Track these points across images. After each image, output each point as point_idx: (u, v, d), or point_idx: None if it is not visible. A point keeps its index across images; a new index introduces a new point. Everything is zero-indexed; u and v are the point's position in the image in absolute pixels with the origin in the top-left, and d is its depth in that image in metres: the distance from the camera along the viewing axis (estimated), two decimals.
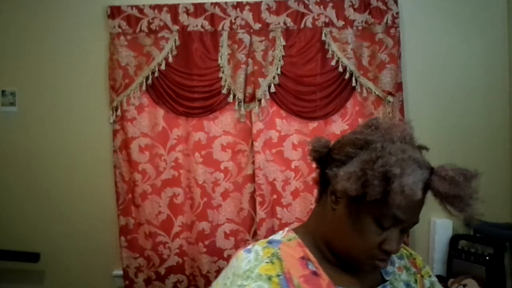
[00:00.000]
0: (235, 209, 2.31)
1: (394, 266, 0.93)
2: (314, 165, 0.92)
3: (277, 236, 0.89)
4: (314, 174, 0.93)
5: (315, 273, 0.82)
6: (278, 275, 0.79)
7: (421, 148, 0.88)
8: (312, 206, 1.41)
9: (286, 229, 0.91)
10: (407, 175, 0.71)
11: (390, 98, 2.23)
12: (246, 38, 2.25)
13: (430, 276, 0.97)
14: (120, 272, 2.35)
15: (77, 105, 2.37)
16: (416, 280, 0.93)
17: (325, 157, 0.87)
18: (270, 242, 0.85)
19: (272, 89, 2.24)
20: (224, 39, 2.26)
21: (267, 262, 0.80)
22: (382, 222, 0.77)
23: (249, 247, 0.84)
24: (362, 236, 0.79)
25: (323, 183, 0.88)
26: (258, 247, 0.83)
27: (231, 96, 2.26)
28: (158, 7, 2.26)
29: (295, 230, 0.91)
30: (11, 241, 2.36)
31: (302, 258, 0.83)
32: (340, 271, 0.85)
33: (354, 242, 0.80)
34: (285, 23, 2.25)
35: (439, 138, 2.33)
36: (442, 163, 0.82)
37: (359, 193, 0.74)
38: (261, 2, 2.25)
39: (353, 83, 2.24)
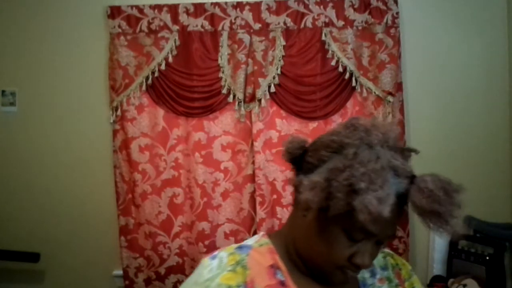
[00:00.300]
0: (235, 209, 2.31)
1: (375, 278, 0.87)
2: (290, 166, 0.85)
3: (251, 241, 0.85)
4: (290, 175, 0.87)
5: (282, 283, 0.77)
6: (238, 286, 0.74)
7: (408, 151, 0.78)
8: None
9: (261, 233, 0.87)
10: (372, 191, 0.64)
11: (390, 98, 2.23)
12: (246, 38, 2.25)
13: None
14: (120, 272, 2.35)
15: (77, 105, 2.37)
16: None
17: (299, 159, 0.81)
18: (240, 248, 0.81)
19: (272, 89, 2.24)
20: (224, 39, 2.26)
21: (229, 271, 0.76)
22: (352, 235, 0.71)
23: (215, 253, 0.80)
24: (330, 246, 0.73)
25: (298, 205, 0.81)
26: (223, 253, 0.79)
27: (231, 96, 2.26)
28: (158, 7, 2.26)
29: (270, 235, 0.86)
30: (11, 241, 2.36)
31: (271, 266, 0.79)
32: (312, 282, 0.80)
33: (321, 251, 0.75)
34: (285, 23, 2.25)
35: (439, 138, 2.33)
36: (442, 163, 0.80)
37: (322, 206, 0.68)
38: (261, 2, 2.25)
39: (353, 83, 2.24)
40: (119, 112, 2.28)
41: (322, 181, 0.69)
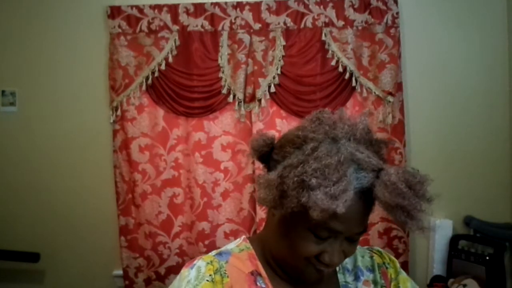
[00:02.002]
0: (235, 209, 2.31)
1: (360, 281, 0.83)
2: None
3: (231, 245, 0.82)
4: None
5: None
6: None
7: (379, 143, 0.74)
8: None
9: (243, 237, 0.84)
10: (324, 187, 0.62)
11: (390, 98, 2.23)
12: (246, 38, 2.25)
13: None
14: (120, 272, 2.35)
15: (77, 105, 2.37)
16: None
17: (266, 157, 0.78)
18: (220, 254, 0.79)
19: (272, 89, 2.24)
20: (224, 39, 2.26)
21: (207, 281, 0.73)
22: (318, 233, 0.69)
23: (194, 262, 0.77)
24: (297, 245, 0.71)
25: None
26: (202, 262, 0.76)
27: (231, 96, 2.26)
28: (158, 7, 2.26)
29: (251, 238, 0.83)
30: (11, 241, 2.36)
31: (252, 273, 0.76)
32: (291, 287, 0.78)
33: (290, 250, 0.72)
34: (285, 23, 2.25)
35: (439, 138, 2.33)
36: (442, 163, 0.78)
37: (276, 204, 0.67)
38: (261, 2, 2.25)
39: (353, 83, 2.24)
40: (119, 112, 2.28)
41: (276, 178, 0.66)
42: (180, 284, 0.75)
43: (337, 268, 0.84)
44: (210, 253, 0.80)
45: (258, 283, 0.75)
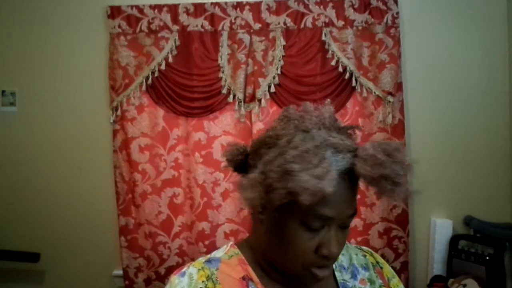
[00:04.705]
0: (235, 209, 2.31)
1: (356, 279, 0.83)
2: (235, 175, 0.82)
3: (219, 253, 0.81)
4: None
5: None
6: None
7: (348, 129, 0.76)
8: None
9: (230, 243, 0.83)
10: (307, 169, 0.62)
11: (390, 98, 2.23)
12: (246, 38, 2.25)
13: None
14: (120, 272, 2.35)
15: (77, 105, 2.37)
16: None
17: (243, 165, 0.78)
18: (209, 261, 0.77)
19: (272, 89, 2.24)
20: (224, 39, 2.26)
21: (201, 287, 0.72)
22: (310, 225, 0.68)
23: (183, 269, 0.75)
24: (293, 244, 0.70)
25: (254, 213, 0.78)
26: (193, 269, 0.75)
27: (231, 96, 2.26)
28: (158, 7, 2.26)
29: (239, 244, 0.82)
30: (11, 241, 2.36)
31: (243, 278, 0.75)
32: None
33: (286, 253, 0.71)
34: (285, 23, 2.25)
35: (439, 138, 2.33)
36: (442, 163, 0.79)
37: (263, 201, 0.66)
38: (261, 2, 2.25)
39: (353, 83, 2.24)
40: (119, 112, 2.28)
41: (258, 176, 0.66)
42: None
43: (334, 266, 0.83)
44: (198, 260, 0.79)
45: None
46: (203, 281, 0.73)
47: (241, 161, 0.79)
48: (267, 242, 0.75)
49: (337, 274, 0.83)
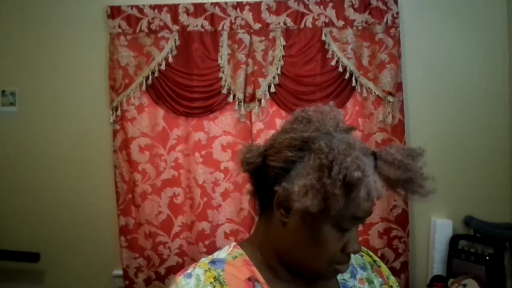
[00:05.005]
0: (235, 209, 2.31)
1: (355, 279, 0.85)
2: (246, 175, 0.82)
3: (222, 253, 0.80)
4: (248, 186, 0.83)
5: None
6: None
7: (351, 130, 0.78)
8: None
9: (233, 244, 0.82)
10: (368, 176, 0.64)
11: (390, 98, 2.23)
12: (246, 38, 2.25)
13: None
14: (120, 272, 2.35)
15: (77, 105, 2.37)
16: None
17: (261, 167, 0.76)
18: (213, 262, 0.76)
19: (272, 89, 2.24)
20: (224, 39, 2.26)
21: None
22: (343, 226, 0.71)
23: (188, 270, 0.74)
24: (323, 245, 0.72)
25: (263, 194, 0.77)
26: (199, 270, 0.74)
27: (231, 96, 2.25)
28: (158, 7, 2.26)
29: (242, 245, 0.82)
30: (11, 241, 2.36)
31: (249, 279, 0.75)
32: None
33: (314, 253, 0.72)
34: (285, 23, 2.25)
35: (439, 138, 2.33)
36: (442, 163, 0.81)
37: (321, 208, 0.65)
38: (261, 2, 2.25)
39: (353, 83, 2.24)
40: (119, 112, 2.28)
41: (315, 183, 0.65)
42: None
43: None
44: (202, 261, 0.78)
45: None
46: (211, 282, 0.72)
47: (260, 163, 0.77)
48: (289, 243, 0.75)
49: None
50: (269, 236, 0.78)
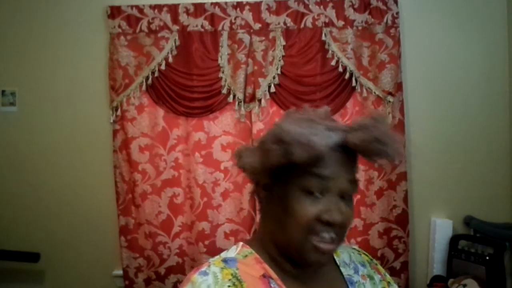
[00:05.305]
0: (235, 209, 2.31)
1: (359, 274, 0.86)
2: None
3: (231, 253, 0.80)
4: (250, 189, 0.88)
5: None
6: None
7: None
8: None
9: (240, 244, 0.83)
10: (299, 127, 0.71)
11: (390, 98, 2.23)
12: (246, 38, 2.25)
13: (393, 284, 0.92)
14: (120, 272, 2.34)
15: (77, 105, 2.37)
16: None
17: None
18: (225, 261, 0.76)
19: (272, 89, 2.24)
20: (224, 39, 2.26)
21: (229, 286, 0.71)
22: (310, 187, 0.72)
23: (203, 268, 0.74)
24: (295, 212, 0.73)
25: (259, 192, 0.83)
26: (215, 268, 0.74)
27: (231, 96, 2.25)
28: (158, 7, 2.26)
29: (250, 244, 0.83)
30: (11, 241, 2.36)
31: (263, 276, 0.76)
32: (302, 284, 0.79)
33: (290, 223, 0.73)
34: (285, 23, 2.25)
35: (439, 138, 2.33)
36: (442, 163, 0.81)
37: (265, 164, 0.74)
38: (261, 2, 2.25)
39: (353, 83, 2.24)
40: (119, 112, 2.28)
41: (257, 145, 0.77)
42: None
43: (338, 262, 0.86)
44: (215, 259, 0.78)
45: (271, 285, 0.75)
46: (229, 279, 0.72)
47: None
48: (274, 223, 0.78)
49: (342, 269, 0.86)
50: (266, 228, 0.81)
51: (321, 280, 0.81)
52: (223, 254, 0.81)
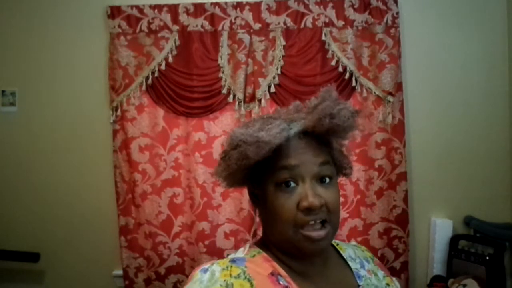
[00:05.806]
0: (235, 209, 2.31)
1: (365, 269, 0.88)
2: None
3: (239, 253, 0.83)
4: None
5: None
6: None
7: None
8: None
9: (248, 245, 0.85)
10: (247, 128, 0.75)
11: (390, 98, 2.23)
12: (246, 38, 2.25)
13: (395, 282, 0.94)
14: (120, 272, 2.35)
15: (77, 105, 2.37)
16: (388, 285, 0.89)
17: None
18: (233, 261, 0.78)
19: (272, 89, 2.24)
20: (224, 39, 2.26)
21: (221, 285, 0.72)
22: (282, 180, 0.76)
23: (206, 266, 0.77)
24: (277, 209, 0.76)
25: (254, 200, 0.87)
26: (217, 267, 0.76)
27: (231, 96, 2.25)
28: (158, 7, 2.26)
29: (257, 244, 0.85)
30: (11, 241, 2.36)
31: (272, 274, 0.77)
32: (310, 281, 0.80)
33: (277, 221, 0.77)
34: (285, 23, 2.25)
35: (439, 138, 2.33)
36: (442, 163, 0.82)
37: (230, 171, 0.79)
38: (261, 2, 2.25)
39: (353, 83, 2.24)
40: (119, 112, 2.28)
41: (220, 157, 0.82)
42: (191, 286, 0.74)
43: (345, 256, 0.89)
44: (223, 260, 0.79)
45: (280, 282, 0.75)
46: (225, 280, 0.74)
47: None
48: (265, 224, 0.83)
49: (350, 264, 0.87)
50: (264, 231, 0.85)
51: (330, 275, 0.82)
52: (231, 255, 0.82)
